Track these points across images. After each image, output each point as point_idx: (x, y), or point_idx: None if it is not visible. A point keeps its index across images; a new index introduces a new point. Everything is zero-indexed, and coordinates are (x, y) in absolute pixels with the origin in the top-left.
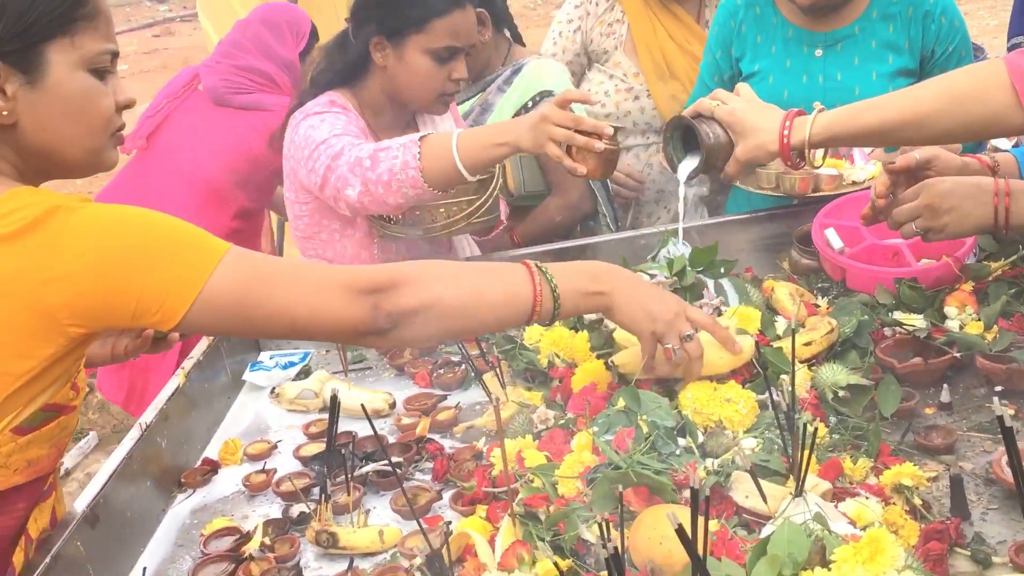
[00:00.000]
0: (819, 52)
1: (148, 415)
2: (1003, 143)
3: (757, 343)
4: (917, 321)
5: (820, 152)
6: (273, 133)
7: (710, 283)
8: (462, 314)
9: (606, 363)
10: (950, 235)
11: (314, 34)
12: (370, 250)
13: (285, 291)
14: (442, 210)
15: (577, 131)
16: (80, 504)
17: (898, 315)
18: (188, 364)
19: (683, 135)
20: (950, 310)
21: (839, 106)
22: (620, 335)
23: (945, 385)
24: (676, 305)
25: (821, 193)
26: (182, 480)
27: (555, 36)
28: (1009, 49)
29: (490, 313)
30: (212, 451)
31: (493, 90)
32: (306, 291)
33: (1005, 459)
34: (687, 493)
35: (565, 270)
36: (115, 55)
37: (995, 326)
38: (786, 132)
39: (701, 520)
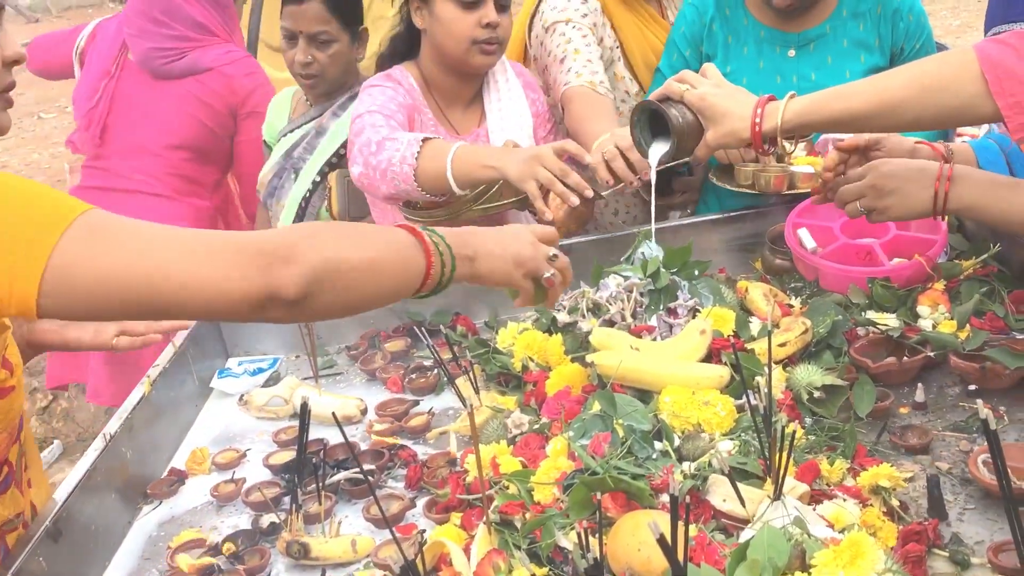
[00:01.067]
0: (792, 52)
1: (112, 425)
2: (970, 130)
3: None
4: (890, 320)
5: (799, 146)
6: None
7: (684, 284)
8: (368, 271)
9: (583, 363)
10: (892, 217)
11: None
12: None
13: (145, 262)
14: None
15: (562, 180)
16: (42, 518)
17: (871, 314)
18: (154, 372)
19: (650, 119)
20: (923, 309)
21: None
22: (596, 339)
23: (919, 384)
24: (527, 233)
25: (797, 191)
26: (148, 491)
27: (585, 54)
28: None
29: (396, 271)
30: (179, 461)
31: (328, 115)
32: (172, 259)
33: (981, 458)
34: (665, 498)
35: (444, 234)
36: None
37: (968, 325)
38: (758, 120)
39: (681, 527)
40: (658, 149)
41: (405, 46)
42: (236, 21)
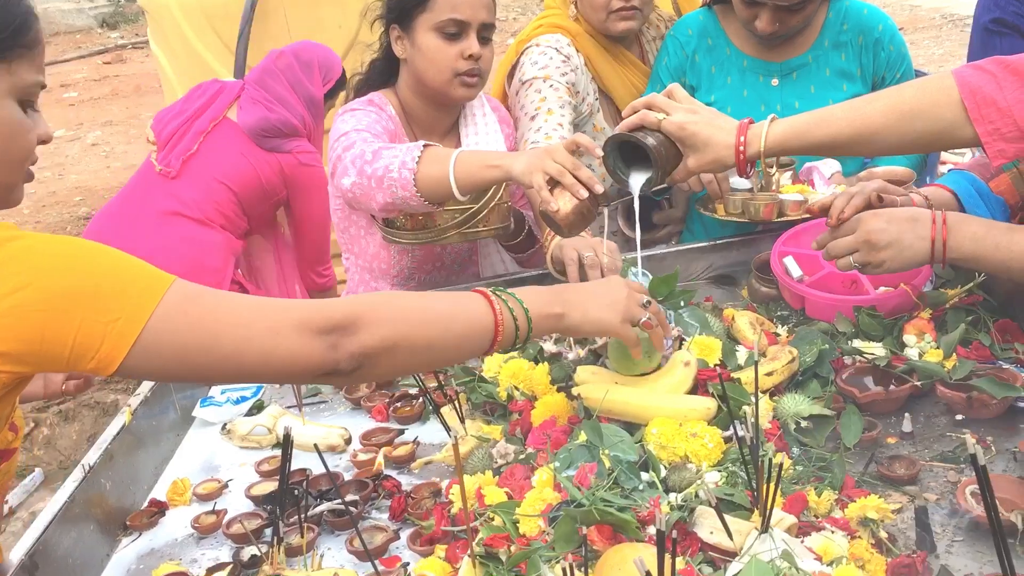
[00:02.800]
0: (775, 81)
1: (92, 455)
2: (953, 157)
3: (721, 391)
4: (877, 349)
5: (785, 175)
6: (284, 172)
7: (669, 313)
8: (425, 349)
9: (569, 395)
10: (888, 270)
11: (343, 78)
12: (388, 250)
13: (234, 333)
14: (445, 215)
15: (572, 173)
16: (18, 551)
17: (857, 343)
18: (134, 401)
19: (621, 148)
20: (909, 338)
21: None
22: (580, 376)
23: (907, 414)
24: (621, 284)
25: (786, 218)
26: (128, 523)
27: (557, 115)
28: None
29: (454, 347)
30: (160, 491)
31: None
32: (257, 333)
33: (969, 489)
34: (652, 530)
35: (521, 296)
36: (43, 87)
37: (954, 354)
38: (742, 148)
39: (668, 561)
40: (638, 178)
41: (382, 74)
42: (322, 125)
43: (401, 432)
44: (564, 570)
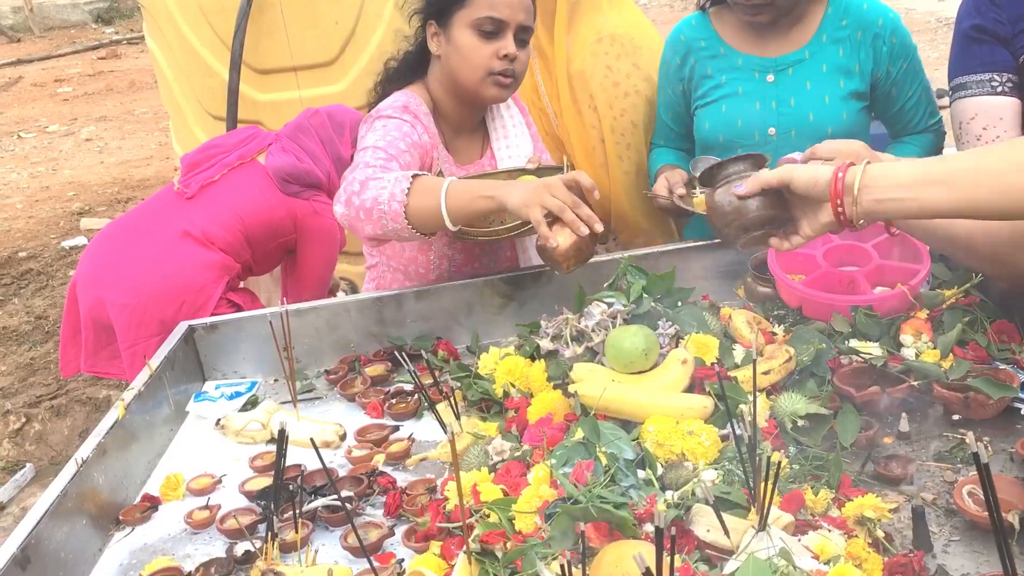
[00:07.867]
0: (771, 78)
1: (85, 450)
2: None
3: (718, 389)
4: (873, 349)
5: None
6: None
7: (666, 311)
8: None
9: (565, 392)
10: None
11: None
12: (427, 255)
13: None
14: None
15: (573, 210)
16: (10, 545)
17: (854, 343)
18: (128, 395)
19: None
20: (906, 338)
21: (807, 138)
22: (577, 373)
23: (903, 414)
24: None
25: None
26: (120, 518)
27: None
28: (951, 89)
29: None
30: (152, 486)
31: None
32: None
33: (966, 489)
34: (648, 527)
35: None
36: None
37: (951, 354)
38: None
39: (666, 558)
40: None
41: (412, 68)
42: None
43: (396, 428)
44: (561, 567)
